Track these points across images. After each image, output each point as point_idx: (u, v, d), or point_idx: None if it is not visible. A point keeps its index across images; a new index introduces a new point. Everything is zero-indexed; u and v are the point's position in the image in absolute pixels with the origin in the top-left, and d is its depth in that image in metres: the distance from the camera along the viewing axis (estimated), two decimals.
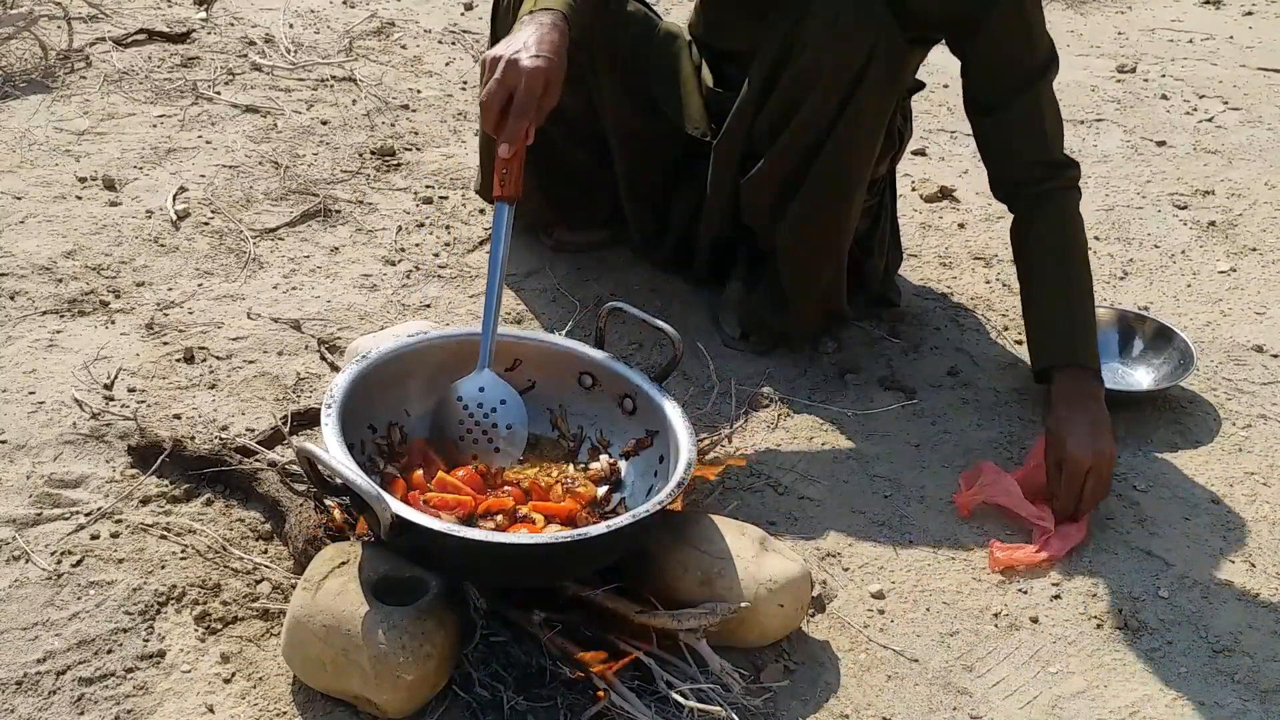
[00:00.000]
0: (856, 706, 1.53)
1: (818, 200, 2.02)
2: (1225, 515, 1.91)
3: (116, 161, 2.62)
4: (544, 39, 1.68)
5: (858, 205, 2.08)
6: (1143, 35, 4.10)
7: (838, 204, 2.04)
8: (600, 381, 1.77)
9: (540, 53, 1.66)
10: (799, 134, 1.97)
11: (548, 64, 1.65)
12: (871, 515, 1.86)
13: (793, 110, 1.96)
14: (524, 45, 1.67)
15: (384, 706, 1.40)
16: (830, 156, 1.97)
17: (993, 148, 2.05)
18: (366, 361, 1.66)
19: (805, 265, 2.09)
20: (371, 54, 3.33)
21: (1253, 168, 3.12)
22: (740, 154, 2.08)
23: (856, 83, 1.90)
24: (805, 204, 2.02)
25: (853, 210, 2.07)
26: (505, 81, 1.63)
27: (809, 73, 1.92)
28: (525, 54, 1.65)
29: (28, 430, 1.82)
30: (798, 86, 1.94)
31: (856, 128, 1.95)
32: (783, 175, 2.02)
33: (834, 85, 1.91)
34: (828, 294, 2.15)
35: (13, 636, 1.49)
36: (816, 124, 1.95)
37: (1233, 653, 1.66)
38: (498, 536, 1.47)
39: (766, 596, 1.53)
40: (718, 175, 2.12)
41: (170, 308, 2.16)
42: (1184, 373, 2.15)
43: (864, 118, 1.95)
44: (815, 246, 2.08)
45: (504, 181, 1.64)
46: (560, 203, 2.36)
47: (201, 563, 1.63)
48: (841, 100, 1.92)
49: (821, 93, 1.92)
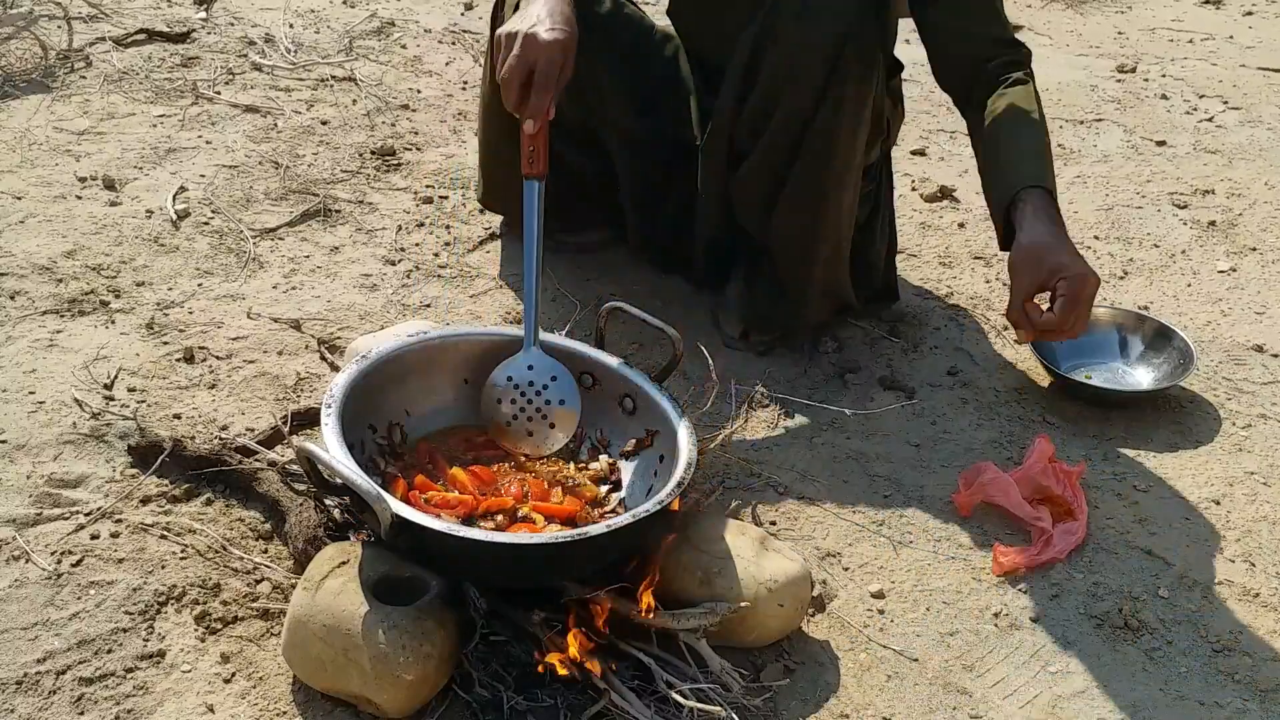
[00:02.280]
0: (856, 706, 1.53)
1: (806, 191, 2.01)
2: (1225, 515, 1.91)
3: (116, 161, 2.62)
4: (555, 11, 1.68)
5: (850, 194, 2.07)
6: (1143, 35, 4.10)
7: (826, 193, 2.03)
8: (600, 381, 1.77)
9: (556, 25, 1.65)
10: (781, 128, 1.96)
11: (565, 35, 1.65)
12: (871, 515, 1.86)
13: (772, 105, 1.96)
14: (538, 19, 1.65)
15: (384, 706, 1.40)
16: (814, 147, 1.96)
17: (948, 33, 2.00)
18: (366, 361, 1.66)
19: (800, 257, 2.09)
20: (371, 54, 3.33)
21: (1253, 167, 3.12)
22: (726, 155, 2.08)
23: (833, 68, 1.89)
24: (794, 196, 2.02)
25: (844, 198, 2.06)
26: (525, 56, 1.62)
27: (784, 65, 1.91)
28: (541, 27, 1.64)
29: (28, 430, 1.82)
30: (774, 81, 1.94)
31: (839, 114, 1.94)
32: (769, 170, 2.02)
33: (810, 75, 1.90)
34: (830, 285, 2.14)
35: (13, 636, 1.49)
36: (797, 115, 1.94)
37: (1233, 653, 1.66)
38: (498, 536, 1.47)
39: (766, 596, 1.53)
40: (707, 177, 2.13)
41: (170, 307, 2.16)
42: (1184, 373, 2.15)
43: (845, 104, 1.93)
44: (808, 238, 2.07)
45: (532, 159, 1.63)
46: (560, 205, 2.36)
47: (201, 563, 1.63)
48: (820, 88, 1.91)
49: (799, 84, 1.91)
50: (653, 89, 2.21)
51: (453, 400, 1.77)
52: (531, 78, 1.63)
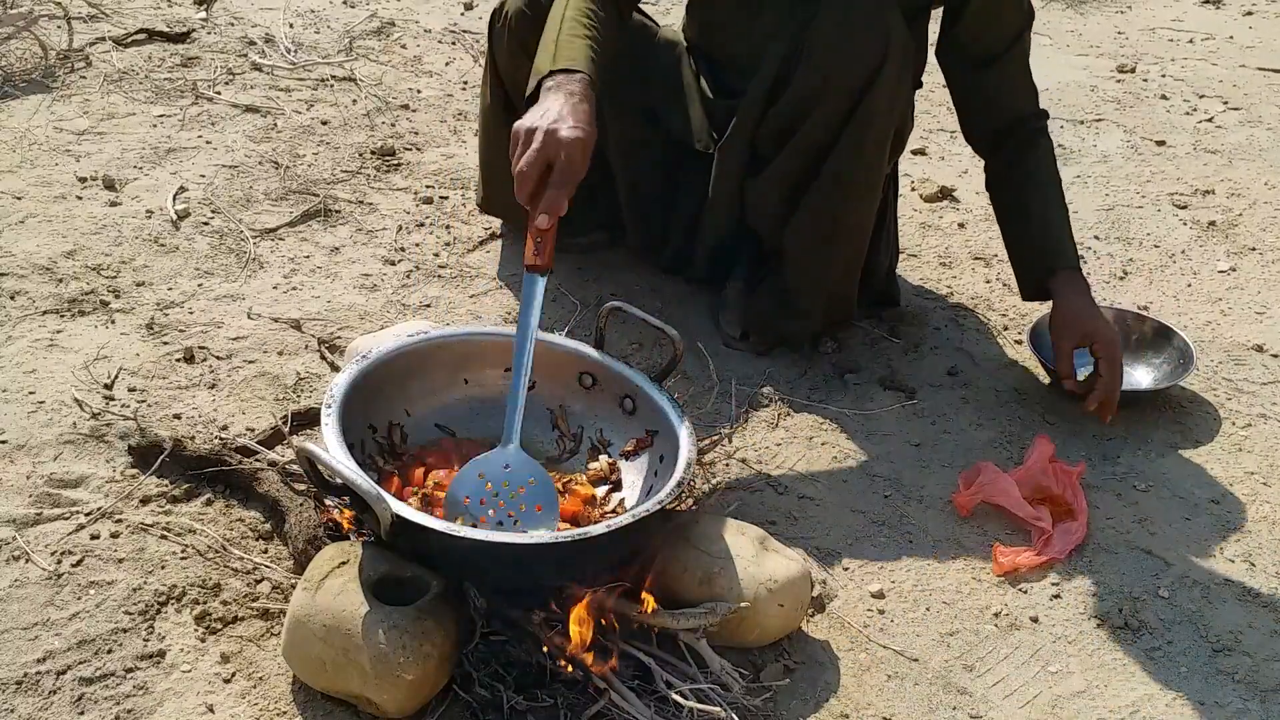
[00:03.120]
0: (856, 706, 1.53)
1: (826, 203, 2.02)
2: (1225, 515, 1.91)
3: (116, 161, 2.62)
4: (577, 109, 1.65)
5: (869, 208, 2.09)
6: (1143, 35, 4.10)
7: (847, 206, 2.04)
8: (600, 381, 1.77)
9: (577, 123, 1.62)
10: (808, 137, 1.97)
11: (585, 134, 1.62)
12: (871, 515, 1.86)
13: (803, 113, 1.97)
14: (560, 115, 1.63)
15: (384, 706, 1.40)
16: (840, 159, 1.98)
17: (987, 97, 2.13)
18: (366, 361, 1.66)
19: (813, 268, 2.10)
20: (371, 54, 3.33)
21: (1253, 168, 3.12)
22: (745, 157, 2.08)
23: (869, 84, 1.91)
24: (813, 207, 2.03)
25: (864, 212, 2.08)
26: (545, 153, 1.59)
27: (820, 76, 1.92)
28: (563, 125, 1.61)
29: (28, 430, 1.82)
30: (808, 89, 1.94)
31: (868, 128, 1.96)
32: (791, 178, 2.03)
33: (846, 88, 1.92)
34: (836, 299, 2.15)
35: (13, 636, 1.49)
36: (827, 126, 1.96)
37: (1233, 653, 1.66)
38: (498, 536, 1.47)
39: (766, 596, 1.53)
40: (721, 178, 2.12)
41: (170, 308, 2.16)
42: (1184, 372, 2.15)
43: (875, 118, 1.95)
44: (824, 249, 2.08)
45: (539, 251, 1.59)
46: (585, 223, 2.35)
47: (201, 563, 1.63)
48: (853, 102, 1.93)
49: (833, 96, 1.93)
50: (654, 96, 2.21)
51: (453, 400, 1.77)
52: (548, 174, 1.60)
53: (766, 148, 2.04)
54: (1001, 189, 2.18)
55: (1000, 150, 2.16)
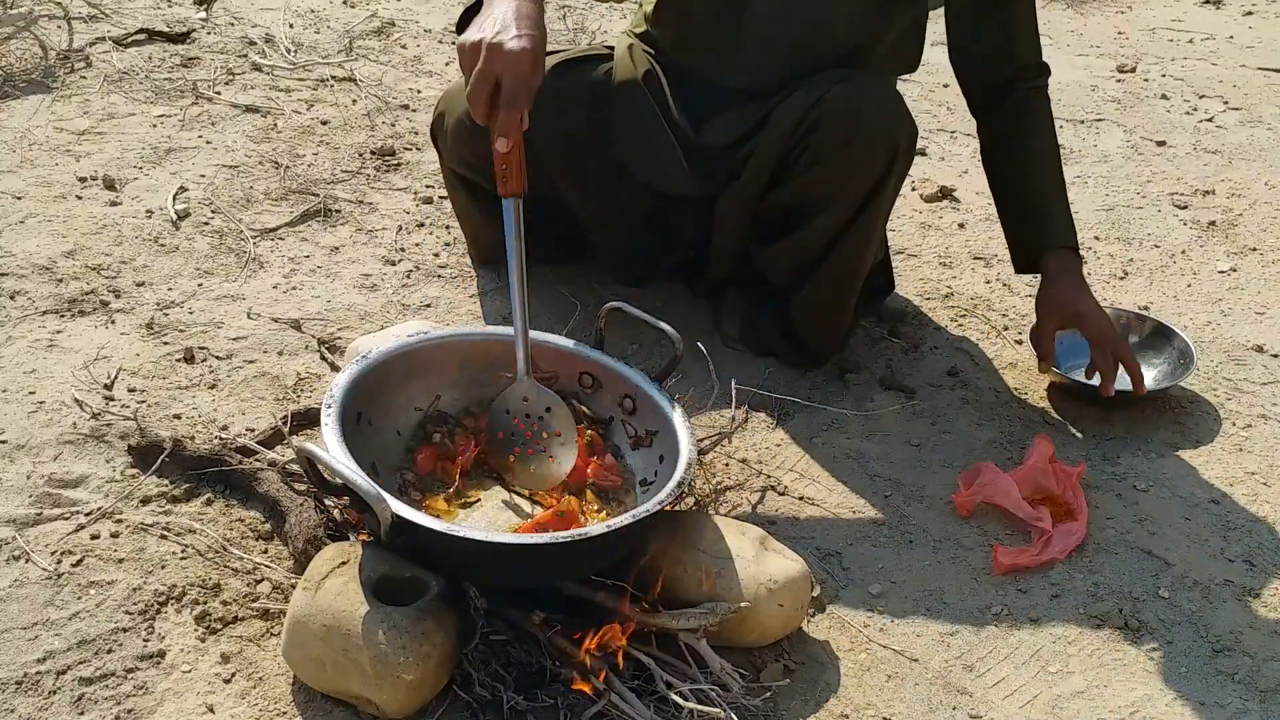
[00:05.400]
0: (856, 706, 1.53)
1: (842, 268, 2.05)
2: (1225, 515, 1.91)
3: (116, 161, 2.62)
4: (521, 13, 1.53)
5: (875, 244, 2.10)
6: (1143, 35, 4.10)
7: (861, 263, 2.07)
8: (600, 381, 1.77)
9: (522, 31, 1.51)
10: (819, 227, 1.99)
11: (532, 42, 1.50)
12: (871, 515, 1.86)
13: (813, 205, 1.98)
14: (503, 25, 1.51)
15: (384, 706, 1.40)
16: (856, 233, 2.00)
17: (988, 50, 2.05)
18: (366, 361, 1.66)
19: (824, 320, 2.12)
20: (371, 54, 3.33)
21: (1253, 168, 3.12)
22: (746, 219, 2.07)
23: (885, 175, 1.93)
24: (829, 273, 2.05)
25: (871, 255, 2.09)
26: (490, 69, 1.49)
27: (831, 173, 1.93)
28: (506, 35, 1.50)
29: (28, 430, 1.82)
30: (818, 185, 1.96)
31: (877, 215, 2.00)
32: (805, 254, 2.04)
33: (861, 183, 1.94)
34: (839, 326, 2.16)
35: (13, 636, 1.49)
36: (835, 226, 1.98)
37: (1233, 653, 1.66)
38: (498, 536, 1.47)
39: (766, 596, 1.53)
40: (725, 232, 2.11)
41: (170, 308, 2.16)
42: (1184, 373, 2.15)
43: (889, 190, 1.98)
44: (836, 304, 2.10)
45: (505, 178, 1.53)
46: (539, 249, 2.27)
47: (201, 563, 1.63)
48: (863, 203, 1.95)
49: (846, 193, 1.95)
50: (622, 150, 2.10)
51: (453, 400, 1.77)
52: (499, 91, 1.49)
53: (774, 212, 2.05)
54: (997, 157, 2.11)
55: (1000, 105, 2.07)
